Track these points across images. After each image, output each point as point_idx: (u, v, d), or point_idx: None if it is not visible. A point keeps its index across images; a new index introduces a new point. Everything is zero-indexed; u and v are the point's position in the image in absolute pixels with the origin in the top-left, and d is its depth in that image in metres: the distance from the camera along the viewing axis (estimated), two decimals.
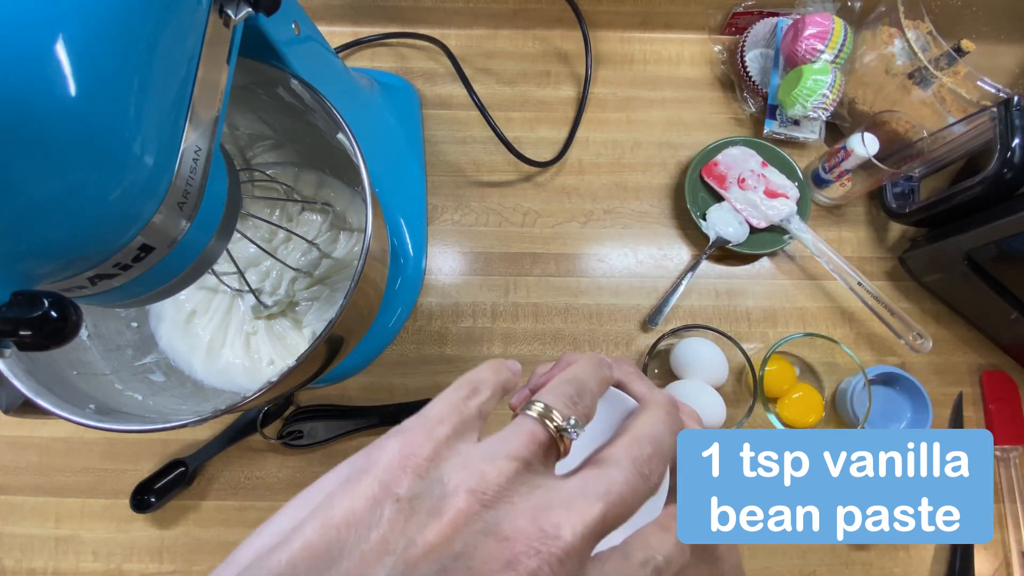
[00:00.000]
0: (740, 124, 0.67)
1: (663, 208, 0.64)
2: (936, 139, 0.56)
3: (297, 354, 0.35)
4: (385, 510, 0.17)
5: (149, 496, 0.54)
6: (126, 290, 0.27)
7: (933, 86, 0.55)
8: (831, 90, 0.59)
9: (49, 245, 0.21)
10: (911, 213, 0.59)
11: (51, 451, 0.56)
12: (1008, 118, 0.50)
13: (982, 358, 0.61)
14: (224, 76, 0.28)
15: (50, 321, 0.20)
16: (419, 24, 0.68)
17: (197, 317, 0.53)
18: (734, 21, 0.68)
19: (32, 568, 0.54)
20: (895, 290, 0.62)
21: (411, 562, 0.16)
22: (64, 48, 0.19)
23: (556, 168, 0.65)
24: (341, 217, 0.55)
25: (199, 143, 0.26)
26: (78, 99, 0.19)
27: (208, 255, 0.29)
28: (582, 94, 0.66)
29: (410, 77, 0.67)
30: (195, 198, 0.26)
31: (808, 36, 0.60)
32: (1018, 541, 0.55)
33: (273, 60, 0.38)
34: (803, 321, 0.61)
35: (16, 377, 0.35)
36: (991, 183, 0.51)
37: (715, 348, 0.56)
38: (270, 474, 0.56)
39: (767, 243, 0.61)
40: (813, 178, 0.63)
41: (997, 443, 0.57)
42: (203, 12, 0.27)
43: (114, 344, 0.47)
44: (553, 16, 0.67)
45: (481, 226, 0.63)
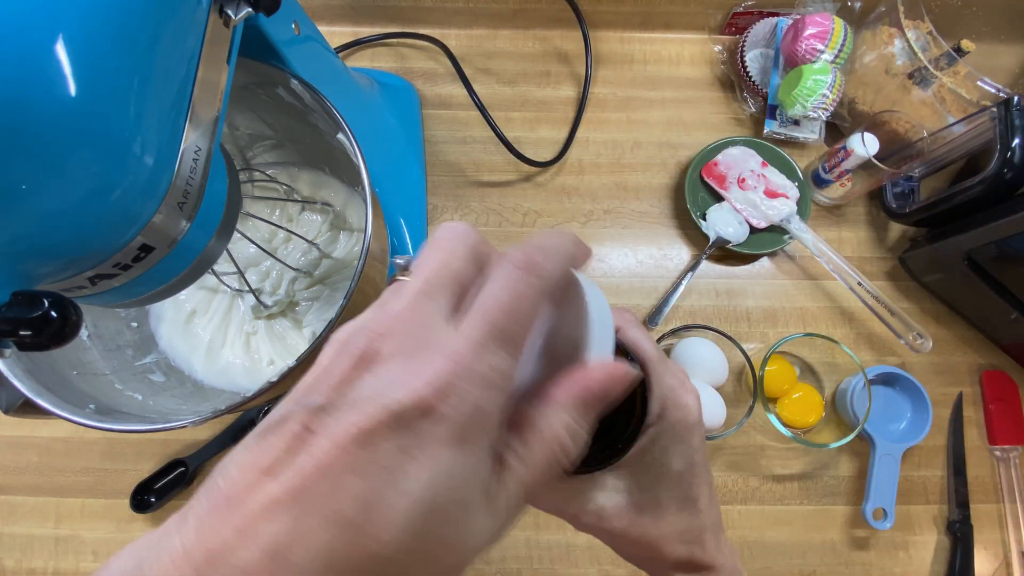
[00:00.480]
0: (740, 124, 0.67)
1: (663, 208, 0.64)
2: (936, 139, 0.56)
3: (297, 354, 0.36)
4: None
5: (149, 496, 0.54)
6: (126, 290, 0.27)
7: (933, 86, 0.55)
8: (831, 90, 0.59)
9: (49, 245, 0.21)
10: (911, 213, 0.59)
11: (51, 451, 0.56)
12: (1008, 118, 0.50)
13: (982, 358, 0.61)
14: (224, 76, 0.28)
15: (50, 321, 0.20)
16: (419, 24, 0.68)
17: (197, 317, 0.53)
18: (734, 21, 0.68)
19: (32, 568, 0.54)
20: (895, 290, 0.62)
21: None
22: (64, 48, 0.19)
23: (556, 168, 0.65)
24: (341, 217, 0.55)
25: (199, 143, 0.26)
26: (78, 99, 0.19)
27: (208, 255, 0.29)
28: (582, 94, 0.66)
29: (410, 77, 0.67)
30: (195, 198, 0.26)
31: (808, 36, 0.60)
32: (1018, 541, 0.55)
33: (273, 60, 0.38)
34: (803, 321, 0.61)
35: (16, 377, 0.35)
36: (991, 183, 0.51)
37: (715, 348, 0.56)
38: None
39: (767, 243, 0.61)
40: (813, 178, 0.63)
41: (997, 443, 0.58)
42: (203, 12, 0.27)
43: (114, 344, 0.47)
44: (553, 16, 0.67)
45: (481, 226, 0.63)
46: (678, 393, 0.26)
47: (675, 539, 0.26)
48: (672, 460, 0.25)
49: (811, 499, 0.57)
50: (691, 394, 0.26)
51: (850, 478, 0.57)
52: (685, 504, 0.26)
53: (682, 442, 0.25)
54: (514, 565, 0.55)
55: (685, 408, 0.26)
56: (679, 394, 0.26)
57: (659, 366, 0.26)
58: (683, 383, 0.26)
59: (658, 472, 0.25)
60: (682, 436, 0.25)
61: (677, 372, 0.27)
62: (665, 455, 0.25)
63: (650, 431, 0.25)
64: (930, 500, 0.57)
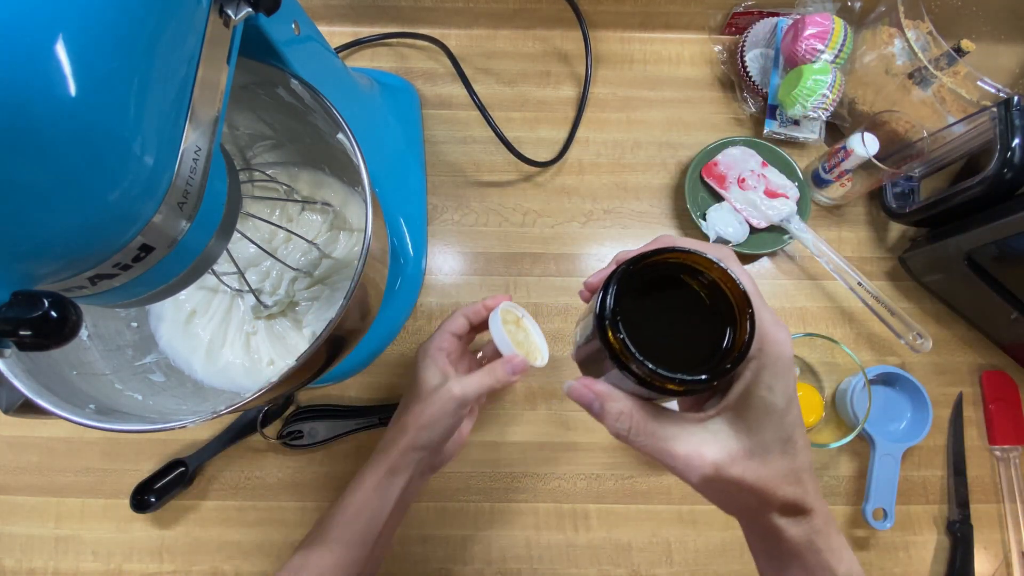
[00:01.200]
0: (740, 124, 0.67)
1: (663, 208, 0.64)
2: (936, 139, 0.56)
3: (297, 354, 0.35)
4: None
5: (149, 496, 0.54)
6: (126, 290, 0.27)
7: (933, 86, 0.55)
8: (831, 90, 0.59)
9: (49, 245, 0.21)
10: (911, 213, 0.59)
11: (51, 451, 0.56)
12: (1008, 118, 0.50)
13: (982, 358, 0.61)
14: (224, 76, 0.28)
15: (50, 321, 0.20)
16: (419, 24, 0.68)
17: (197, 317, 0.53)
18: (734, 21, 0.68)
19: (32, 568, 0.54)
20: (895, 290, 0.62)
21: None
22: (64, 48, 0.19)
23: (556, 168, 0.65)
24: (341, 217, 0.55)
25: (199, 143, 0.26)
26: (78, 99, 0.19)
27: (208, 255, 0.29)
28: (582, 94, 0.66)
29: (410, 77, 0.67)
30: (195, 198, 0.26)
31: (808, 36, 0.60)
32: (1018, 541, 0.55)
33: (273, 60, 0.38)
34: (803, 321, 0.61)
35: (16, 377, 0.35)
36: (991, 183, 0.51)
37: None
38: (270, 474, 0.56)
39: (767, 243, 0.61)
40: (813, 178, 0.63)
41: (997, 443, 0.58)
42: (203, 12, 0.27)
43: (114, 344, 0.47)
44: (553, 16, 0.67)
45: (481, 226, 0.63)
46: (774, 328, 0.26)
47: (782, 480, 0.26)
48: (775, 397, 0.25)
49: None
50: (784, 330, 0.26)
51: (850, 478, 0.57)
52: (787, 445, 0.26)
53: (782, 377, 0.25)
54: (514, 565, 0.55)
55: (782, 343, 0.25)
56: (775, 329, 0.26)
57: (756, 299, 0.26)
58: (777, 319, 0.26)
59: (763, 411, 0.25)
60: (781, 371, 0.25)
61: (770, 309, 0.27)
62: (770, 392, 0.25)
63: (752, 365, 0.25)
64: (930, 500, 0.57)
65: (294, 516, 0.55)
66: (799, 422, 0.26)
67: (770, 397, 0.25)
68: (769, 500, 0.26)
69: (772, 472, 0.26)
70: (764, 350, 0.25)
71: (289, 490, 0.56)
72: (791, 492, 0.26)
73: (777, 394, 0.25)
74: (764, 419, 0.25)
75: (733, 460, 0.25)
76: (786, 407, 0.25)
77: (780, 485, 0.26)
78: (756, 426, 0.25)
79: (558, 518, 0.56)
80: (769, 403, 0.25)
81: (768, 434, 0.25)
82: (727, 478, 0.26)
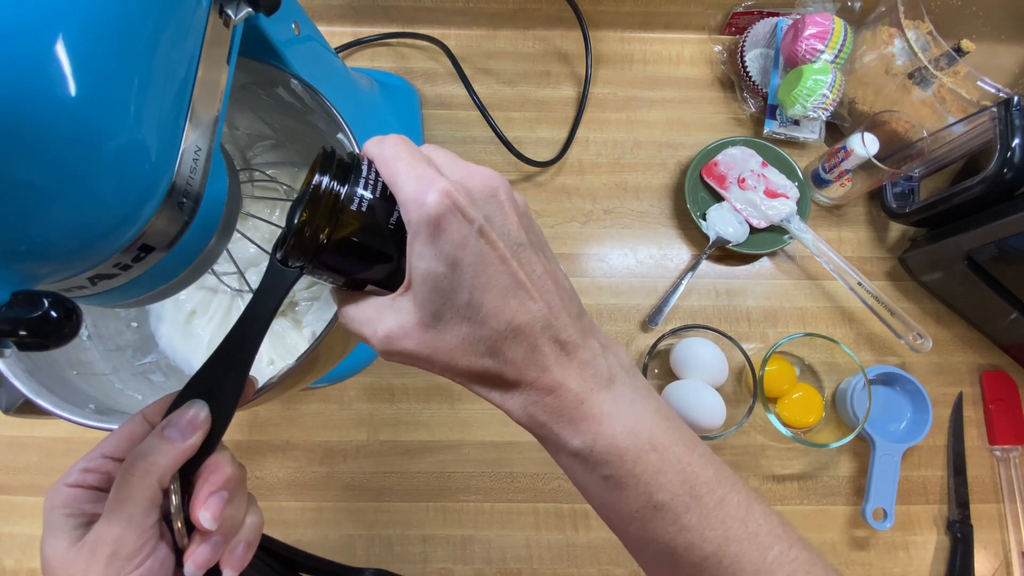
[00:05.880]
0: (740, 124, 0.67)
1: (663, 208, 0.64)
2: (936, 139, 0.56)
3: (297, 354, 0.35)
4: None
5: None
6: (126, 290, 0.27)
7: (933, 86, 0.55)
8: (831, 90, 0.59)
9: (49, 245, 0.21)
10: (911, 213, 0.59)
11: (51, 451, 0.56)
12: (1008, 118, 0.50)
13: (982, 358, 0.61)
14: (224, 76, 0.28)
15: (50, 321, 0.20)
16: (419, 24, 0.68)
17: (197, 317, 0.53)
18: (734, 21, 0.68)
19: (32, 568, 0.54)
20: (895, 290, 0.62)
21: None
22: (64, 48, 0.19)
23: (556, 168, 0.65)
24: None
25: (199, 143, 0.26)
26: (78, 99, 0.19)
27: (208, 255, 0.29)
28: (582, 94, 0.66)
29: (410, 77, 0.67)
30: (195, 198, 0.26)
31: (808, 36, 0.60)
32: (1018, 541, 0.55)
33: (273, 60, 0.38)
34: (803, 321, 0.61)
35: (16, 377, 0.35)
36: (991, 183, 0.51)
37: (715, 348, 0.56)
38: (270, 474, 0.56)
39: (767, 243, 0.61)
40: (813, 178, 0.63)
41: (997, 443, 0.58)
42: (203, 12, 0.27)
43: (114, 344, 0.47)
44: (553, 16, 0.67)
45: None
46: (415, 191, 0.23)
47: (466, 350, 0.24)
48: (428, 263, 0.23)
49: (811, 499, 0.57)
50: (424, 190, 0.22)
51: (850, 478, 0.57)
52: (468, 310, 0.23)
53: (428, 241, 0.23)
54: (514, 565, 0.55)
55: (415, 203, 0.23)
56: (416, 192, 0.23)
57: (401, 176, 0.24)
58: (427, 179, 0.23)
59: (425, 280, 0.23)
60: (424, 234, 0.23)
61: (422, 171, 0.23)
62: (421, 259, 0.23)
63: (409, 236, 0.24)
64: (930, 500, 0.57)
65: (294, 516, 0.55)
66: (488, 285, 0.23)
67: (423, 264, 0.23)
68: (458, 372, 0.25)
69: (449, 343, 0.24)
70: (409, 220, 0.23)
71: (289, 490, 0.56)
72: (479, 364, 0.24)
73: (429, 259, 0.23)
74: (430, 288, 0.23)
75: (406, 333, 0.24)
76: (449, 270, 0.23)
77: (462, 356, 0.24)
78: (427, 297, 0.23)
79: (558, 518, 0.56)
80: (425, 271, 0.23)
81: (437, 303, 0.23)
82: (400, 351, 0.25)
